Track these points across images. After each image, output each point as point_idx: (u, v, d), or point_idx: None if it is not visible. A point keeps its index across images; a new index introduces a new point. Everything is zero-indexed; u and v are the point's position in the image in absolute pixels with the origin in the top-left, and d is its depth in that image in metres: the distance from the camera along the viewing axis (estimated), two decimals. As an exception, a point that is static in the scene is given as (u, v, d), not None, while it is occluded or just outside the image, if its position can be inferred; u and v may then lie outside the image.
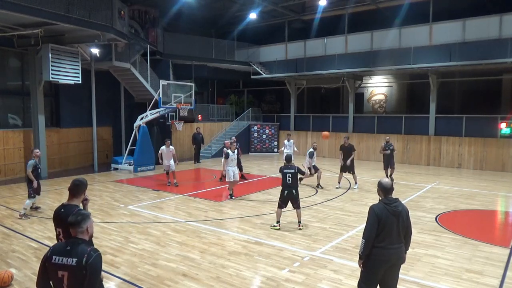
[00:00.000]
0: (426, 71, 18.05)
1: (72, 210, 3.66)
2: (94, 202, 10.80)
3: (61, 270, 2.96)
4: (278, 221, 8.37)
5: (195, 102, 17.94)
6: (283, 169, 8.38)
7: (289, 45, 22.77)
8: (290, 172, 8.26)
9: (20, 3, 10.83)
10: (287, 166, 8.39)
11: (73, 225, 3.09)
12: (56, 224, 3.82)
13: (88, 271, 2.92)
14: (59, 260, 2.97)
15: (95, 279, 2.97)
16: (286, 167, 8.37)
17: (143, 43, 17.65)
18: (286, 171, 8.31)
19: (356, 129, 21.35)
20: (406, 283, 5.72)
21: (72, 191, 3.90)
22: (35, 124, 14.75)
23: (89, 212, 3.29)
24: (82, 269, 2.92)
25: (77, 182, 3.93)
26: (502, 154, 16.87)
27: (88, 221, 3.13)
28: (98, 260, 3.00)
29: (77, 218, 3.11)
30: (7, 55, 15.30)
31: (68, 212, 3.66)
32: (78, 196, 3.90)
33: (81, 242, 3.05)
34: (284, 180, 8.30)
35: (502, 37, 15.96)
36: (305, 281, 5.79)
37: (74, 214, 3.17)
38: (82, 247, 2.99)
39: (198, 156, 19.42)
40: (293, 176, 8.27)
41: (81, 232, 3.09)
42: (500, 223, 9.66)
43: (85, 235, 3.11)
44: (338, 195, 11.87)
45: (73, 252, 2.97)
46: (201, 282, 5.74)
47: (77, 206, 3.79)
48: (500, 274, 6.06)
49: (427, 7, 17.88)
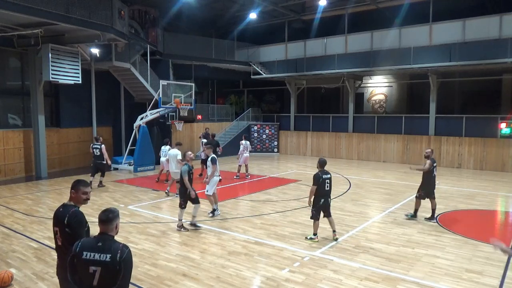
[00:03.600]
0: (426, 71, 18.05)
1: (69, 209, 3.70)
2: (94, 202, 10.79)
3: (94, 266, 3.02)
4: (315, 234, 7.60)
5: (195, 102, 17.93)
6: (321, 175, 7.41)
7: (289, 45, 22.76)
8: (328, 177, 7.47)
9: (20, 3, 10.83)
10: (324, 171, 7.50)
11: (104, 222, 3.16)
12: (54, 223, 3.84)
13: (123, 266, 3.00)
14: (91, 256, 3.03)
15: (129, 274, 3.07)
16: (324, 173, 7.47)
17: (143, 43, 17.65)
18: (325, 177, 7.42)
19: (356, 129, 21.35)
20: (406, 283, 5.72)
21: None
22: (35, 124, 14.75)
23: (118, 209, 3.35)
24: (116, 265, 2.99)
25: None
26: (502, 154, 16.87)
27: (117, 219, 3.23)
28: (131, 255, 3.09)
29: (109, 215, 3.18)
30: (7, 55, 15.29)
31: (65, 212, 3.70)
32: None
33: (112, 239, 3.14)
34: (321, 188, 7.39)
35: (502, 37, 15.95)
36: (305, 281, 5.79)
37: (105, 211, 3.23)
38: (115, 244, 3.09)
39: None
40: (330, 182, 7.51)
41: (111, 229, 3.18)
42: (500, 223, 9.66)
43: (113, 232, 3.21)
44: (338, 195, 11.86)
45: (106, 248, 3.04)
46: (201, 282, 5.74)
47: (74, 206, 3.79)
48: (500, 274, 6.06)
49: (427, 7, 17.87)
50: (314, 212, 7.49)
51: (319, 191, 7.39)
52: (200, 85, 23.62)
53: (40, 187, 13.24)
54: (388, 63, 18.88)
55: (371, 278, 5.87)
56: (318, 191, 7.38)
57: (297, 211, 9.95)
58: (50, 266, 6.30)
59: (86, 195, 3.84)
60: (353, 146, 21.11)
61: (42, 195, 11.80)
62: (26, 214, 9.53)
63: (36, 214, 9.60)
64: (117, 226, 3.22)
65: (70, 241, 3.65)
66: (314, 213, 7.50)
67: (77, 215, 3.69)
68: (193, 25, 22.88)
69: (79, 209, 3.79)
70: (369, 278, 5.87)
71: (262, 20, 23.07)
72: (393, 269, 6.21)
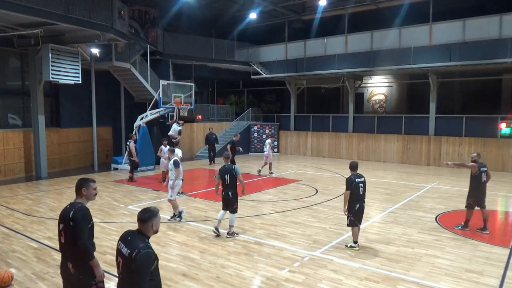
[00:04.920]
0: (426, 71, 18.05)
1: (76, 205, 3.79)
2: (94, 202, 10.76)
3: (120, 256, 3.23)
4: (356, 241, 7.15)
5: (195, 102, 17.93)
6: (354, 178, 7.04)
7: (289, 45, 22.76)
8: (362, 181, 7.10)
9: (20, 3, 10.83)
10: (357, 174, 7.13)
11: (141, 220, 3.27)
12: (59, 221, 3.89)
13: (134, 265, 3.06)
14: (121, 247, 3.23)
15: (139, 275, 3.06)
16: (357, 176, 7.10)
17: (143, 43, 17.66)
18: (358, 180, 7.06)
19: (356, 129, 21.35)
20: (406, 283, 5.72)
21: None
22: (35, 124, 14.75)
23: (158, 209, 3.39)
24: (131, 262, 3.07)
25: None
26: (502, 154, 16.87)
27: (154, 219, 3.28)
28: (145, 258, 3.09)
29: (145, 215, 3.26)
30: (7, 55, 15.29)
31: (71, 208, 3.78)
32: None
33: (140, 237, 3.22)
34: (355, 192, 7.00)
35: (502, 37, 15.95)
36: (305, 281, 5.79)
37: (143, 211, 3.31)
38: (137, 242, 3.15)
39: (211, 158, 18.73)
40: (364, 185, 7.13)
41: (146, 227, 3.26)
42: (500, 223, 9.65)
43: (149, 231, 3.28)
44: (338, 195, 11.86)
45: (130, 243, 3.17)
46: (201, 282, 5.74)
47: (80, 202, 3.87)
48: (500, 274, 6.06)
49: (427, 7, 17.88)
50: (352, 218, 7.05)
51: (353, 196, 6.99)
52: (200, 85, 23.62)
53: (40, 187, 13.24)
54: (388, 63, 18.89)
55: (371, 278, 5.87)
56: (352, 196, 6.99)
57: (297, 211, 9.95)
58: (50, 266, 6.31)
59: (95, 190, 4.01)
60: (353, 146, 21.11)
61: (42, 195, 11.79)
62: (26, 214, 9.53)
63: (36, 214, 9.60)
64: (153, 226, 3.28)
65: (73, 237, 3.69)
66: (351, 219, 7.06)
67: (82, 210, 3.77)
68: (193, 25, 22.88)
69: (86, 205, 3.87)
70: (369, 278, 5.87)
71: (262, 20, 23.07)
72: (393, 269, 6.22)
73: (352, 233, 7.21)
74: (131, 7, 17.68)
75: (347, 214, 7.10)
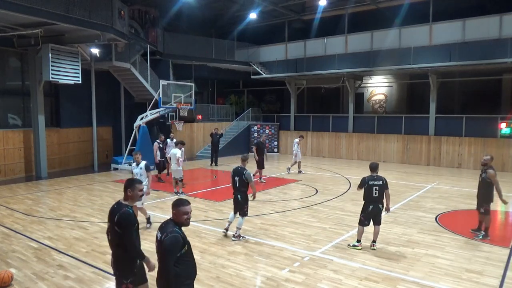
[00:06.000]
0: (426, 71, 18.05)
1: (121, 208, 3.95)
2: (94, 202, 10.80)
3: (156, 242, 3.57)
4: (359, 240, 7.22)
5: (195, 102, 17.92)
6: (368, 180, 7.06)
7: (289, 45, 22.76)
8: (377, 184, 7.00)
9: (20, 3, 10.83)
10: (374, 177, 7.10)
11: (172, 206, 3.63)
12: (108, 218, 4.07)
13: (162, 247, 3.42)
14: (157, 233, 3.58)
15: (166, 257, 3.40)
16: (373, 178, 7.07)
17: (143, 43, 17.65)
18: (372, 183, 7.02)
19: (356, 129, 21.35)
20: (406, 283, 5.72)
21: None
22: (35, 124, 14.75)
23: (188, 200, 3.71)
24: (161, 244, 3.44)
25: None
26: (502, 154, 16.86)
27: (181, 207, 3.58)
28: (171, 241, 3.41)
29: (176, 202, 3.64)
30: (7, 55, 15.30)
31: (117, 210, 3.96)
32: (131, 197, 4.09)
33: (170, 223, 3.58)
34: (368, 193, 7.04)
35: (502, 37, 15.95)
36: (305, 281, 5.79)
37: (176, 201, 3.67)
38: (168, 227, 3.52)
39: (213, 158, 18.31)
40: (380, 188, 7.01)
41: (174, 214, 3.60)
42: (500, 223, 9.65)
43: (180, 218, 3.59)
44: (338, 195, 11.87)
45: (162, 229, 3.55)
46: (201, 282, 5.74)
47: (126, 205, 4.00)
48: (500, 274, 6.06)
49: (427, 7, 17.87)
50: (362, 218, 7.16)
51: (366, 197, 7.08)
52: (200, 85, 23.62)
53: (40, 187, 13.24)
54: (388, 63, 18.88)
55: (371, 278, 5.87)
56: (365, 196, 7.09)
57: (297, 211, 9.95)
58: (50, 266, 6.31)
59: (141, 191, 4.15)
60: (353, 146, 21.11)
61: (42, 195, 11.79)
62: (26, 214, 9.53)
63: (36, 214, 9.59)
64: (182, 214, 3.59)
65: (118, 240, 3.90)
66: (361, 219, 7.17)
67: (127, 217, 3.89)
68: (193, 25, 22.89)
69: (130, 209, 3.97)
70: (369, 278, 5.87)
71: (262, 20, 23.07)
72: (393, 269, 6.22)
73: (358, 231, 7.24)
74: (131, 7, 17.69)
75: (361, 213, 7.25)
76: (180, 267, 3.45)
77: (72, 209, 9.89)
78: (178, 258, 3.44)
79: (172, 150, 11.88)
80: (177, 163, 11.47)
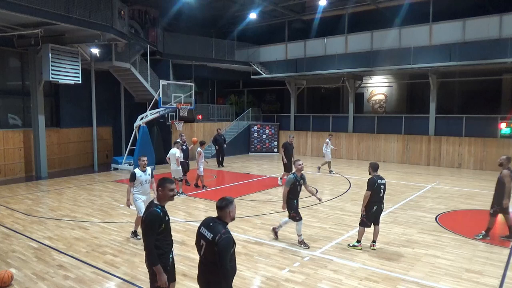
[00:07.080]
0: (426, 71, 18.05)
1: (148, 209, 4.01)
2: (94, 202, 10.80)
3: (203, 240, 3.63)
4: (359, 241, 7.15)
5: (195, 102, 17.92)
6: (376, 180, 6.95)
7: (289, 45, 22.76)
8: (383, 183, 7.01)
9: (20, 3, 10.84)
10: (379, 176, 7.03)
11: (219, 208, 3.69)
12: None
13: (218, 248, 3.48)
14: (203, 231, 3.64)
15: (223, 256, 3.48)
16: (379, 177, 7.00)
17: (143, 43, 17.65)
18: (380, 182, 6.95)
19: (356, 129, 21.35)
20: (406, 283, 5.72)
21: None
22: (35, 124, 14.75)
23: (233, 198, 3.79)
24: (214, 245, 3.50)
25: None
26: (502, 154, 16.75)
27: (230, 207, 3.68)
28: (227, 242, 3.51)
29: (222, 203, 3.69)
30: (7, 55, 15.30)
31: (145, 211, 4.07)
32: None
33: (220, 223, 3.65)
34: (376, 193, 6.93)
35: (502, 37, 15.95)
36: (305, 281, 5.79)
37: (220, 199, 3.73)
38: (219, 227, 3.58)
39: (219, 159, 18.23)
40: (384, 188, 7.05)
41: (224, 214, 3.67)
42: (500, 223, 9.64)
43: (226, 217, 3.69)
44: (338, 195, 11.87)
45: (212, 229, 3.59)
46: (201, 282, 5.74)
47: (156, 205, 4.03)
48: (500, 274, 6.06)
49: (427, 7, 17.87)
50: (365, 219, 7.04)
51: (373, 197, 6.93)
52: (200, 85, 23.62)
53: (40, 187, 13.24)
54: (388, 63, 18.88)
55: (371, 278, 5.87)
56: (372, 197, 6.93)
57: (297, 211, 9.93)
58: (50, 266, 6.31)
59: (172, 191, 4.15)
60: (353, 146, 21.11)
61: (42, 195, 11.79)
62: (26, 214, 9.53)
63: (36, 214, 9.59)
64: (230, 213, 3.69)
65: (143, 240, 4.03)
66: (364, 220, 7.06)
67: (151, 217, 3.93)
68: (193, 25, 22.89)
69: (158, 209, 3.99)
70: (369, 278, 5.87)
71: (262, 20, 23.08)
72: (393, 269, 6.22)
73: (359, 232, 7.19)
74: (131, 7, 17.69)
75: (363, 214, 7.07)
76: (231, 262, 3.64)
77: (72, 209, 9.90)
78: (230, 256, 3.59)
79: (171, 150, 11.79)
80: (176, 163, 11.47)
